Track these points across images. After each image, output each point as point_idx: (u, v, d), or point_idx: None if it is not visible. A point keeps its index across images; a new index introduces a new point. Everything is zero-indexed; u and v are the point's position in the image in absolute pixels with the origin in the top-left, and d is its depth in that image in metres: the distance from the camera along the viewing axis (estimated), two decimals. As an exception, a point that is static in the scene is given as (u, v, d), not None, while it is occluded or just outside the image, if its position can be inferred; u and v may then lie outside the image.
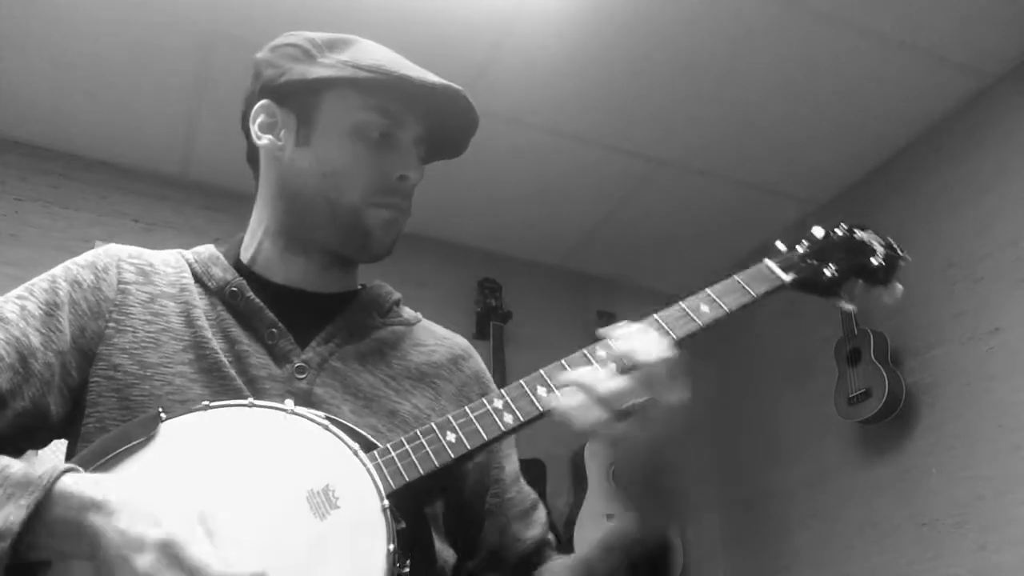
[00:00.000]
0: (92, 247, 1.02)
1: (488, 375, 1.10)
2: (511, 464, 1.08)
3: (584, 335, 0.83)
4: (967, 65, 2.51)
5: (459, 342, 1.10)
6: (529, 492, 1.09)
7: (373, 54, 0.99)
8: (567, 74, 2.56)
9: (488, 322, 3.13)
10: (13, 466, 0.72)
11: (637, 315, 0.90)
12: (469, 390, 1.05)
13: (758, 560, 3.21)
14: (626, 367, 0.84)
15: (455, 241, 3.33)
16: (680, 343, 0.90)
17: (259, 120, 1.01)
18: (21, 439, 0.87)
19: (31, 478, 0.70)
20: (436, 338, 1.08)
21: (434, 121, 1.02)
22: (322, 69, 0.97)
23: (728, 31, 2.40)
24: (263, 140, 1.01)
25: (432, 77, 0.97)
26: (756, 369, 3.41)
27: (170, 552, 0.65)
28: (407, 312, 1.09)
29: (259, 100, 1.02)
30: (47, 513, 0.68)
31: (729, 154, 2.90)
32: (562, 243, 3.41)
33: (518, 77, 2.57)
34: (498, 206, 3.18)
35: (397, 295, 1.09)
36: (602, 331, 0.89)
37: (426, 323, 1.11)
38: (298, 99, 0.99)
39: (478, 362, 1.10)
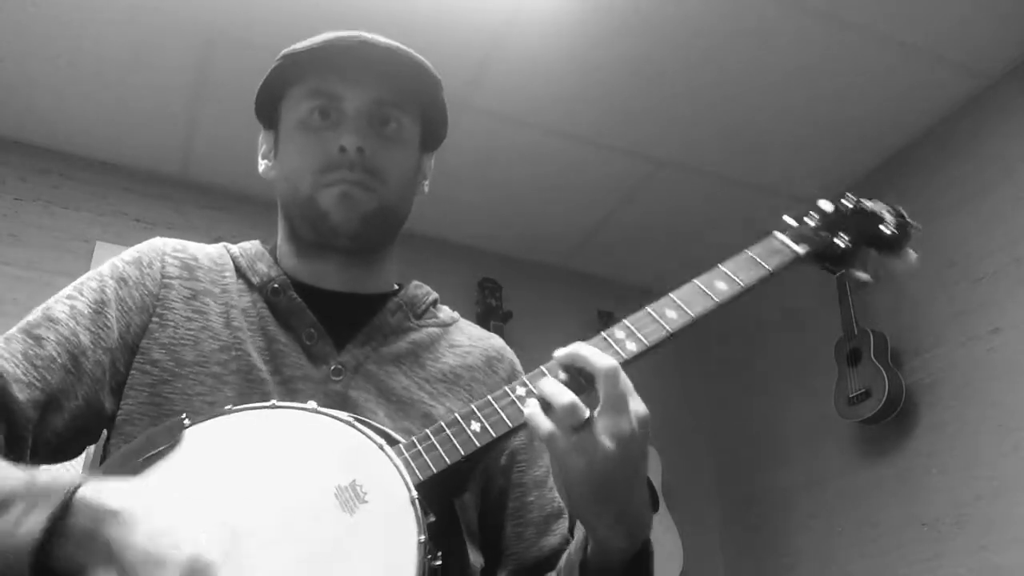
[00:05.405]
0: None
1: (521, 374, 1.07)
2: (536, 469, 1.06)
3: (584, 335, 0.82)
4: (967, 65, 2.51)
5: (494, 343, 1.10)
6: (553, 499, 1.06)
7: (312, 38, 0.99)
8: (567, 74, 2.56)
9: (488, 322, 3.12)
10: (39, 476, 0.72)
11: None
12: None
13: (758, 560, 3.21)
14: (578, 381, 0.81)
15: (455, 241, 3.33)
16: (698, 322, 0.88)
17: (261, 150, 1.05)
18: (79, 437, 0.88)
19: (53, 487, 0.69)
20: (471, 339, 1.08)
21: (386, 84, 0.99)
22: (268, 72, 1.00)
23: (728, 31, 2.40)
24: (261, 167, 1.05)
25: (352, 36, 0.96)
26: (756, 369, 3.41)
27: (196, 573, 0.64)
28: (444, 313, 1.09)
29: (262, 131, 1.06)
30: (67, 522, 0.67)
31: (729, 154, 2.90)
32: (562, 243, 3.41)
33: (518, 77, 2.57)
34: (498, 206, 3.18)
35: (434, 295, 1.09)
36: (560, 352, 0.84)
37: (463, 323, 1.10)
38: (269, 117, 1.04)
39: (512, 363, 1.09)
